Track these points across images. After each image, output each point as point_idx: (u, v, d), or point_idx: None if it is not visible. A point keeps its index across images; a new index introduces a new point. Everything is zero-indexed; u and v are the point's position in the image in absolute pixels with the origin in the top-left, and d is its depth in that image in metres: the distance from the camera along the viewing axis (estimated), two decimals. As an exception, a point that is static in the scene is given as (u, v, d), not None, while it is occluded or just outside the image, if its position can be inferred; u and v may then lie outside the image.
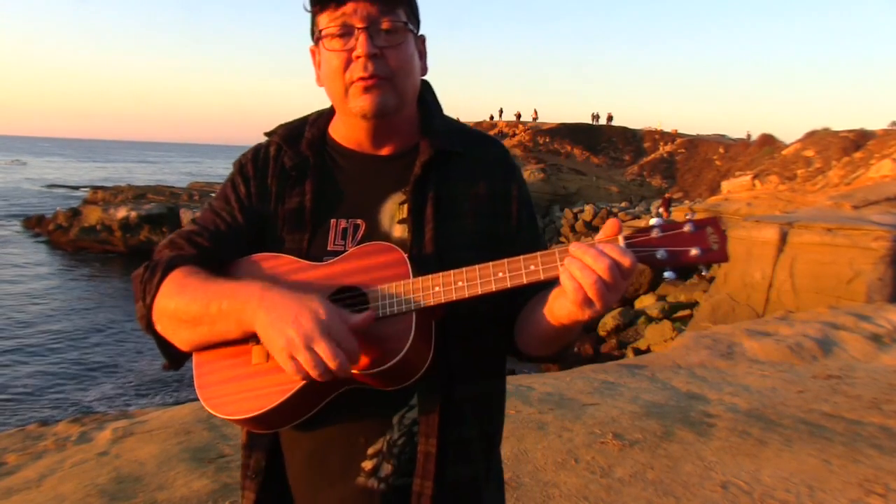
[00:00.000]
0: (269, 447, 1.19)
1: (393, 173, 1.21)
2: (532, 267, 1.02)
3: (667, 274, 1.00)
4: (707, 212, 25.60)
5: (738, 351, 6.81)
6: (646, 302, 17.55)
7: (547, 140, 42.15)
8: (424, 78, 1.28)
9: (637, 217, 27.69)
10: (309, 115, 1.32)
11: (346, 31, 1.12)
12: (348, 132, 1.22)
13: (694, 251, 0.97)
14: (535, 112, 46.80)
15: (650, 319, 16.32)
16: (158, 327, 1.13)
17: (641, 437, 4.04)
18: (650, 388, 5.33)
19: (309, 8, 1.17)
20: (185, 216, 29.18)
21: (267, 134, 1.29)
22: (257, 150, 1.28)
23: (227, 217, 1.21)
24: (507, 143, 40.65)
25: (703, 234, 0.98)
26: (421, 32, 1.23)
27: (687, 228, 0.98)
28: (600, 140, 43.15)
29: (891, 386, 5.36)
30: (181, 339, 1.12)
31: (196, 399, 1.15)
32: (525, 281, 1.02)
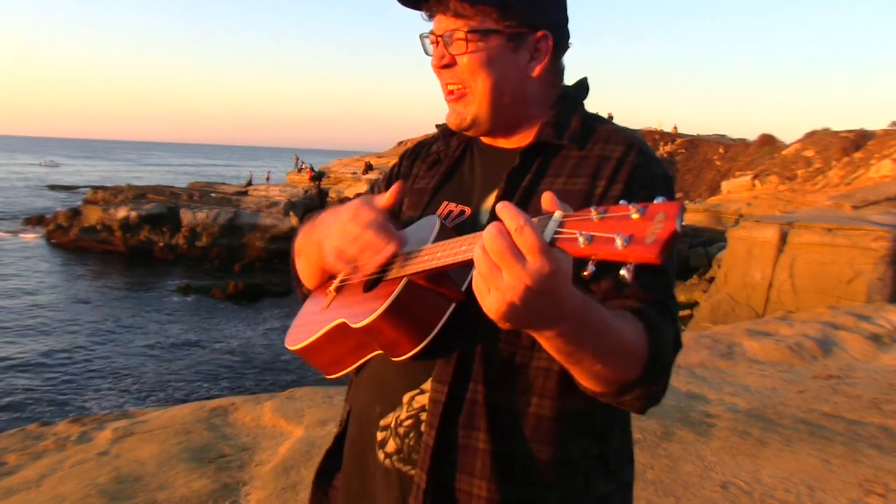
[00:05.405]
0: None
1: (507, 166, 1.17)
2: (464, 248, 0.90)
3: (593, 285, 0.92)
4: (707, 212, 25.64)
5: (738, 351, 6.81)
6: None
7: (547, 140, 42.13)
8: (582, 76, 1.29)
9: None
10: None
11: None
12: None
13: (619, 241, 0.69)
14: (535, 112, 46.81)
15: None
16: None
17: (641, 437, 4.04)
18: (650, 388, 5.33)
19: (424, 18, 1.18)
20: (185, 216, 29.18)
21: (437, 125, 1.34)
22: (426, 139, 1.39)
23: (377, 191, 1.31)
24: (507, 143, 40.93)
25: (646, 224, 0.70)
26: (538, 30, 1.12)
27: (633, 211, 0.71)
28: (600, 140, 43.13)
29: (891, 386, 5.36)
30: (300, 271, 1.27)
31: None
32: (452, 261, 0.92)
